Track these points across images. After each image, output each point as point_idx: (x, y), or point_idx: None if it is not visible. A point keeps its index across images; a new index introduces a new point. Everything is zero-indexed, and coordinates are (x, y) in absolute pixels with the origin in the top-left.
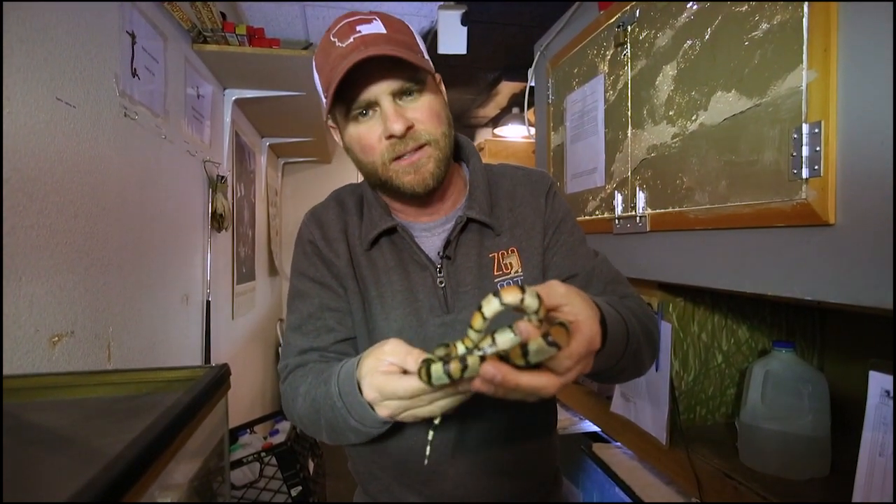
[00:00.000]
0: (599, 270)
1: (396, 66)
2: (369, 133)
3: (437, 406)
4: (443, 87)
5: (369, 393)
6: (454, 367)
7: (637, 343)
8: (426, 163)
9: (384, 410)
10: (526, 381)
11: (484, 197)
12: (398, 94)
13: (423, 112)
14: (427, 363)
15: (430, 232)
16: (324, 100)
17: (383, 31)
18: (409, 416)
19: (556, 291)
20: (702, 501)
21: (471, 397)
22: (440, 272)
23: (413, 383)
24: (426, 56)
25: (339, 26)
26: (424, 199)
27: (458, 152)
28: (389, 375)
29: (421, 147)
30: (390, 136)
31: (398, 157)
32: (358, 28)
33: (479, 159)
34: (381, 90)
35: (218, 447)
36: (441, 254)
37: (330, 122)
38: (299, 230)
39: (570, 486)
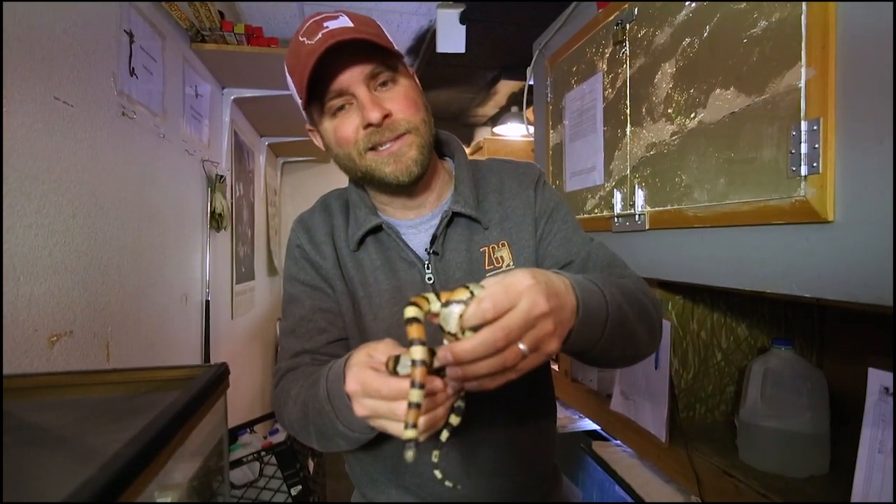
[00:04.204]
0: (595, 255)
1: (367, 53)
2: (345, 124)
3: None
4: (416, 79)
5: (351, 385)
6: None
7: (621, 314)
8: (408, 150)
9: (361, 409)
10: (465, 345)
11: (470, 191)
12: (373, 84)
13: (400, 100)
14: (397, 356)
15: (417, 228)
16: (299, 101)
17: (350, 24)
18: (381, 424)
19: (487, 283)
20: (701, 499)
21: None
22: (428, 268)
23: (398, 384)
24: (396, 49)
25: (306, 26)
26: (410, 190)
27: (443, 148)
28: (378, 372)
29: (401, 136)
30: (368, 126)
31: (374, 148)
32: (325, 24)
33: (465, 154)
34: (354, 78)
35: (217, 446)
36: (428, 250)
37: (308, 126)
38: (289, 237)
39: (569, 484)
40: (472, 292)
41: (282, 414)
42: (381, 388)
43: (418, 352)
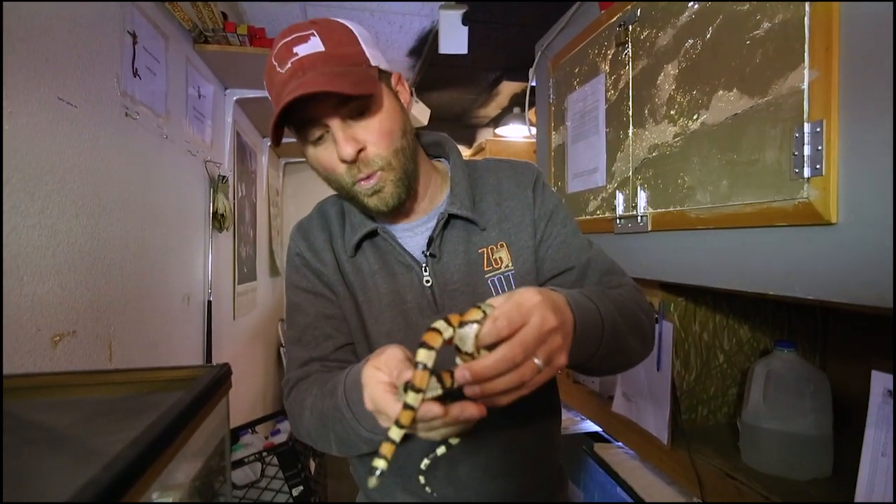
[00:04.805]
0: (594, 262)
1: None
2: (327, 155)
3: (435, 433)
4: (403, 85)
5: (367, 403)
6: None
7: (615, 329)
8: (384, 185)
9: (385, 422)
10: (485, 362)
11: (465, 192)
12: (347, 112)
13: (374, 133)
14: (407, 386)
15: (413, 231)
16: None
17: (321, 48)
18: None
19: (496, 303)
20: (703, 501)
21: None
22: (426, 271)
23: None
24: (374, 62)
25: (277, 48)
26: (395, 211)
27: (436, 149)
28: (388, 391)
29: (375, 173)
30: (343, 161)
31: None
32: (295, 50)
33: (459, 154)
34: (325, 114)
35: (219, 447)
36: (425, 252)
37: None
38: (288, 246)
39: (571, 486)
40: (484, 312)
41: (298, 424)
42: (391, 413)
43: (411, 397)
